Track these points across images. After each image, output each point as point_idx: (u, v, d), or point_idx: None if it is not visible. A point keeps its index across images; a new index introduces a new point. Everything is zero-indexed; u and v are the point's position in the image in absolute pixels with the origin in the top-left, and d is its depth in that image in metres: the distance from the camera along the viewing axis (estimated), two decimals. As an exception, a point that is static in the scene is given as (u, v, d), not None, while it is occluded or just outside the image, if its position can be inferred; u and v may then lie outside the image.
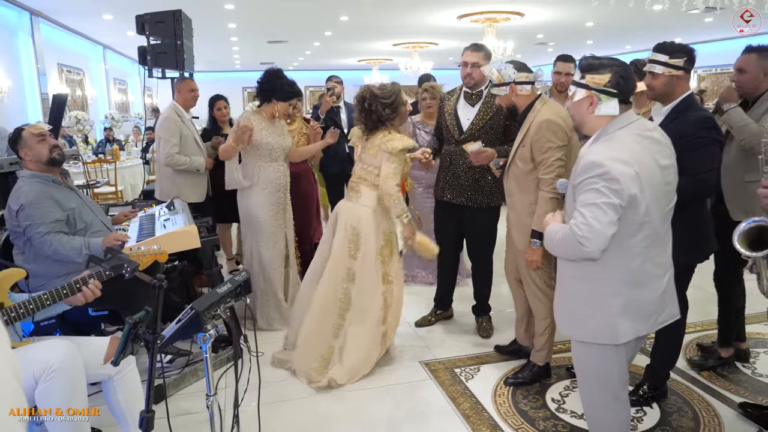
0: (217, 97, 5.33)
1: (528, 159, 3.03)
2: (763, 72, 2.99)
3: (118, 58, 14.67)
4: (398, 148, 3.28)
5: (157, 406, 2.27)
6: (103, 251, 2.62)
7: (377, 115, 3.33)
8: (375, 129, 3.37)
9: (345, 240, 3.42)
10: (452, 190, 3.77)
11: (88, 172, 7.12)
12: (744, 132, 2.91)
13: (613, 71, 1.98)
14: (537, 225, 2.97)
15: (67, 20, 10.20)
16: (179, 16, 5.18)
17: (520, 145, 3.05)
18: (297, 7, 9.21)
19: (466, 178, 3.70)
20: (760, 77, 3.00)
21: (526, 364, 3.39)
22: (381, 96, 3.33)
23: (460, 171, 3.71)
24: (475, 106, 3.68)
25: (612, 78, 1.98)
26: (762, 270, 2.40)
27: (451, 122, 3.72)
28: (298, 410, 3.10)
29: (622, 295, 2.01)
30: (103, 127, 11.10)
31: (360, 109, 3.37)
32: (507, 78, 3.05)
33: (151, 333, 1.81)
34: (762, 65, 2.98)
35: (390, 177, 3.29)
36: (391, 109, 3.34)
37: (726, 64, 14.17)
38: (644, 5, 7.26)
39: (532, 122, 3.00)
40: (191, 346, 3.42)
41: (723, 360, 3.43)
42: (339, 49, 15.20)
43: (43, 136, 3.00)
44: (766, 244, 2.30)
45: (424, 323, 4.12)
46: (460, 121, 3.70)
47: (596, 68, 2.01)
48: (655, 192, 1.97)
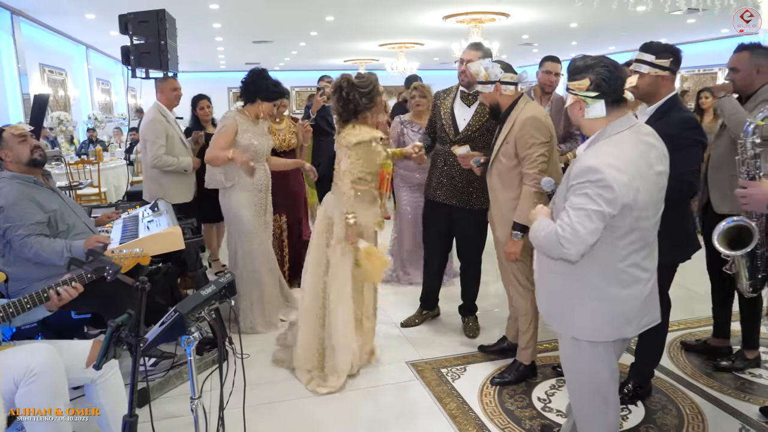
0: (200, 97, 5.30)
1: (512, 155, 3.05)
2: (755, 69, 3.03)
3: (101, 58, 14.53)
4: (353, 141, 3.22)
5: (140, 410, 2.24)
6: (84, 254, 2.58)
7: (354, 104, 3.28)
8: (348, 120, 3.32)
9: (322, 230, 3.41)
10: (445, 190, 3.75)
11: (71, 174, 7.04)
12: (732, 120, 2.95)
13: (593, 73, 1.97)
14: (519, 218, 2.99)
15: (49, 20, 10.08)
16: (163, 15, 5.13)
17: (504, 141, 3.06)
18: (282, 7, 9.18)
19: (461, 180, 3.68)
20: (753, 74, 3.04)
21: (512, 364, 3.39)
22: (358, 85, 3.29)
23: (454, 172, 3.69)
24: (471, 106, 3.67)
25: (592, 81, 1.98)
26: (741, 269, 2.43)
27: (446, 122, 3.70)
28: (284, 412, 3.08)
29: (608, 294, 2.01)
30: (86, 127, 10.98)
31: (337, 98, 3.32)
32: (493, 77, 3.06)
33: (134, 336, 1.79)
34: (754, 62, 3.03)
35: (346, 173, 3.24)
36: (368, 98, 3.29)
37: (708, 65, 14.33)
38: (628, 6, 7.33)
39: (516, 119, 3.02)
40: (176, 348, 3.40)
41: (749, 361, 3.40)
42: (325, 50, 15.16)
43: (24, 137, 2.97)
44: (744, 244, 2.33)
45: (410, 324, 4.12)
46: (456, 121, 3.68)
47: (576, 73, 2.01)
48: (649, 199, 1.97)
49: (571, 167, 2.00)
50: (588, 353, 2.11)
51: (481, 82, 3.14)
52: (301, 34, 12.47)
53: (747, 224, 2.32)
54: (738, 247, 2.34)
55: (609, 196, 1.86)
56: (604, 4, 7.83)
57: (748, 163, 2.34)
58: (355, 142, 3.22)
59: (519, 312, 3.29)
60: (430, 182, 3.86)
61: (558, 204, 2.08)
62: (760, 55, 3.04)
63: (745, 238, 2.33)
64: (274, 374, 3.47)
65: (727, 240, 2.36)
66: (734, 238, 2.35)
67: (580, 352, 2.13)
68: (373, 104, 3.33)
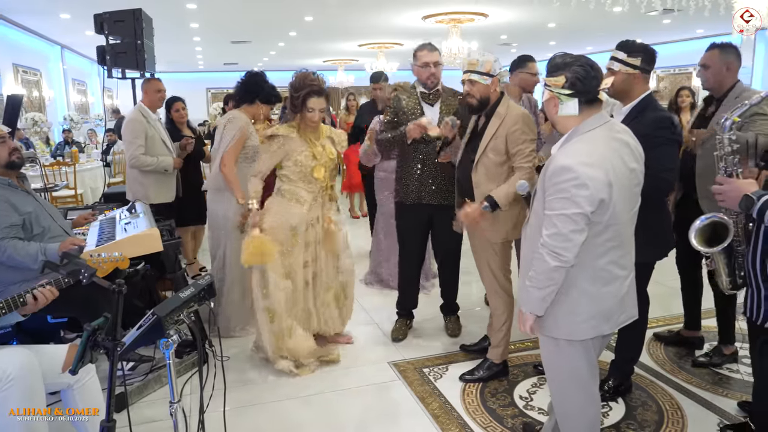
0: (174, 99, 5.17)
1: (502, 150, 3.03)
2: (725, 66, 3.12)
3: (76, 59, 14.32)
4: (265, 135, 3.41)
5: (118, 414, 2.21)
6: (59, 257, 2.53)
7: (290, 102, 3.36)
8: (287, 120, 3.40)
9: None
10: (429, 191, 3.65)
11: (46, 176, 6.92)
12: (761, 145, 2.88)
13: (569, 72, 1.99)
14: (497, 194, 2.96)
15: (23, 19, 9.91)
16: (139, 15, 5.08)
17: (494, 136, 3.03)
18: (261, 6, 9.13)
19: (444, 178, 3.63)
20: (723, 71, 3.12)
21: (483, 361, 3.38)
22: (293, 85, 3.34)
23: (437, 171, 3.62)
24: (434, 105, 3.65)
25: (567, 79, 1.99)
26: (720, 266, 2.46)
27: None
28: (266, 415, 3.05)
29: (587, 292, 2.02)
30: (62, 129, 10.82)
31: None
32: (494, 71, 3.03)
33: (110, 340, 1.76)
34: (724, 60, 3.11)
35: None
36: (293, 105, 3.36)
37: (683, 64, 14.55)
38: (605, 7, 7.39)
39: (507, 115, 3.02)
40: (154, 352, 3.35)
41: (726, 357, 3.45)
42: (304, 50, 15.11)
43: (3, 139, 2.90)
44: (721, 240, 2.36)
45: (400, 338, 3.93)
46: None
47: (554, 70, 2.03)
48: (624, 195, 1.99)
49: (547, 166, 2.01)
50: (567, 351, 2.12)
51: (479, 72, 3.03)
52: (280, 34, 12.41)
53: (721, 220, 2.35)
54: (715, 243, 2.37)
55: (585, 193, 1.88)
56: (581, 5, 7.91)
57: (726, 160, 2.37)
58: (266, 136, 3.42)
59: (495, 311, 3.29)
60: (408, 185, 3.70)
61: (537, 204, 2.09)
62: (730, 54, 3.13)
63: (721, 234, 2.36)
64: (255, 376, 3.45)
65: (705, 237, 2.38)
66: (711, 235, 2.38)
67: (559, 351, 2.14)
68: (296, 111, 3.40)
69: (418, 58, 3.61)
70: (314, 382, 3.37)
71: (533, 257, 2.01)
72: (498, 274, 3.23)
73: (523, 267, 2.17)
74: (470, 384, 3.30)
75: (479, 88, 3.07)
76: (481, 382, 3.31)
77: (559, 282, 1.98)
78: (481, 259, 3.27)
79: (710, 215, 2.37)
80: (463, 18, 10.42)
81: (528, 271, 2.04)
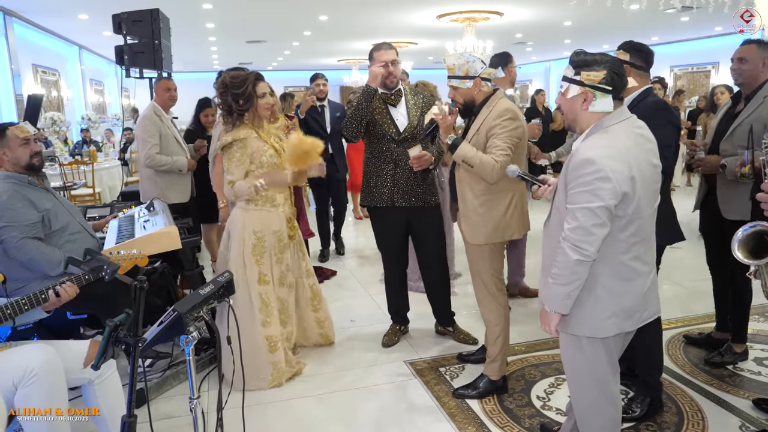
0: (207, 103, 5.10)
1: (482, 146, 2.93)
2: (762, 61, 3.09)
3: (94, 59, 14.47)
4: (219, 147, 3.23)
5: (138, 410, 2.23)
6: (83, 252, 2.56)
7: (228, 106, 3.17)
8: (234, 125, 3.20)
9: (223, 246, 3.34)
10: (402, 192, 3.52)
11: (65, 174, 7.00)
12: None
13: (607, 68, 1.99)
14: (462, 148, 2.85)
15: (42, 20, 10.03)
16: (156, 15, 5.12)
17: (476, 132, 2.96)
18: (275, 6, 9.16)
19: (416, 178, 3.51)
20: (760, 66, 3.10)
21: (479, 377, 3.20)
22: (231, 85, 3.15)
23: (409, 171, 3.48)
24: (398, 106, 3.53)
25: (607, 74, 1.99)
26: (764, 276, 2.36)
27: (384, 121, 3.51)
28: (284, 413, 3.06)
29: (610, 288, 2.01)
30: (80, 128, 10.93)
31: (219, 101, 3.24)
32: (473, 72, 2.97)
33: (132, 336, 1.77)
34: (761, 55, 3.09)
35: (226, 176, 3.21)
36: (245, 99, 3.16)
37: (701, 63, 14.40)
38: (622, 4, 7.35)
39: (492, 110, 2.94)
40: (172, 348, 3.38)
41: (737, 355, 3.42)
42: (318, 49, 15.14)
43: (27, 141, 2.91)
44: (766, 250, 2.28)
45: (392, 343, 3.84)
46: (394, 121, 3.51)
47: (590, 65, 2.01)
48: (646, 190, 1.98)
49: (569, 160, 2.00)
50: (589, 349, 2.10)
51: (458, 77, 2.99)
52: (295, 34, 12.45)
53: (765, 228, 2.25)
54: (761, 252, 2.27)
55: (608, 186, 1.88)
56: (598, 3, 7.85)
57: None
58: (221, 146, 3.19)
59: (488, 324, 3.14)
60: (381, 188, 3.55)
61: (558, 200, 2.08)
62: (767, 50, 3.10)
63: (765, 244, 2.28)
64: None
65: (748, 248, 2.29)
66: (755, 246, 2.28)
67: (580, 348, 2.12)
68: (249, 105, 3.19)
69: (375, 59, 3.48)
70: (330, 381, 3.38)
71: (555, 251, 2.00)
72: (487, 280, 3.07)
73: (545, 264, 2.16)
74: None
75: (461, 93, 3.03)
76: (473, 399, 3.12)
77: (583, 277, 1.97)
78: (471, 264, 3.14)
79: (753, 224, 2.29)
80: (478, 17, 10.39)
81: (550, 268, 2.03)
